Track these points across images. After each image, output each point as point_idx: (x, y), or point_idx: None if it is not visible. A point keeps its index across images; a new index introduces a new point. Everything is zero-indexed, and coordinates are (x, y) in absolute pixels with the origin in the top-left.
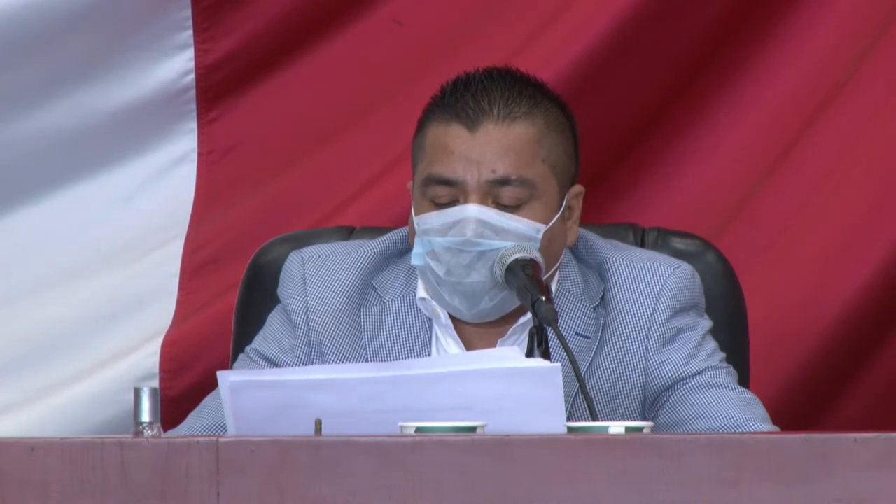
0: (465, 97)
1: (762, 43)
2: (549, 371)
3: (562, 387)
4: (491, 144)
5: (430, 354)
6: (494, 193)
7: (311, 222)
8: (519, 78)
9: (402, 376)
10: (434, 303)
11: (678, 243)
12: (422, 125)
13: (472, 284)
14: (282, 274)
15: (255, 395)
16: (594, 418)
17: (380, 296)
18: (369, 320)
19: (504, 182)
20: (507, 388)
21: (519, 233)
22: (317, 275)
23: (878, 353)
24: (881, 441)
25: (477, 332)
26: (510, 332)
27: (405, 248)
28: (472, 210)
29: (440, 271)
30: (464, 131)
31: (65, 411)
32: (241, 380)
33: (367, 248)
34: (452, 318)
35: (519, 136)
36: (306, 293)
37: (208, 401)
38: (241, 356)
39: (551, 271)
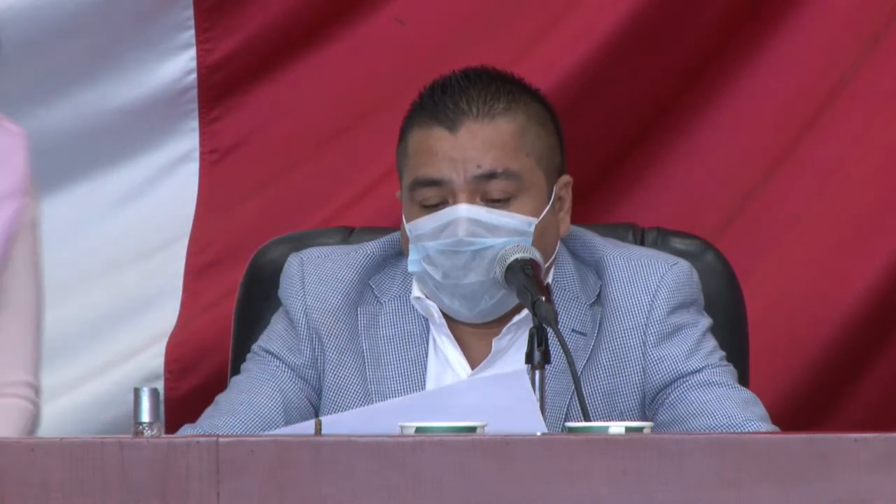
0: (443, 100)
1: (762, 43)
2: (515, 376)
3: (531, 390)
4: (473, 141)
5: (427, 354)
6: (482, 190)
7: (315, 223)
8: (496, 76)
9: (385, 406)
10: (428, 302)
11: (678, 243)
12: (403, 133)
13: (471, 285)
14: (281, 276)
15: None
16: (587, 419)
17: (376, 296)
18: (366, 319)
19: (490, 176)
20: (480, 399)
21: (511, 228)
22: (315, 274)
23: (879, 353)
24: (881, 441)
25: (472, 330)
26: (504, 330)
27: (402, 250)
28: (462, 210)
29: (437, 275)
30: (445, 133)
31: (70, 412)
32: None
33: (365, 249)
34: (447, 317)
35: (500, 131)
36: (304, 292)
37: (221, 397)
38: (248, 355)
39: (547, 264)
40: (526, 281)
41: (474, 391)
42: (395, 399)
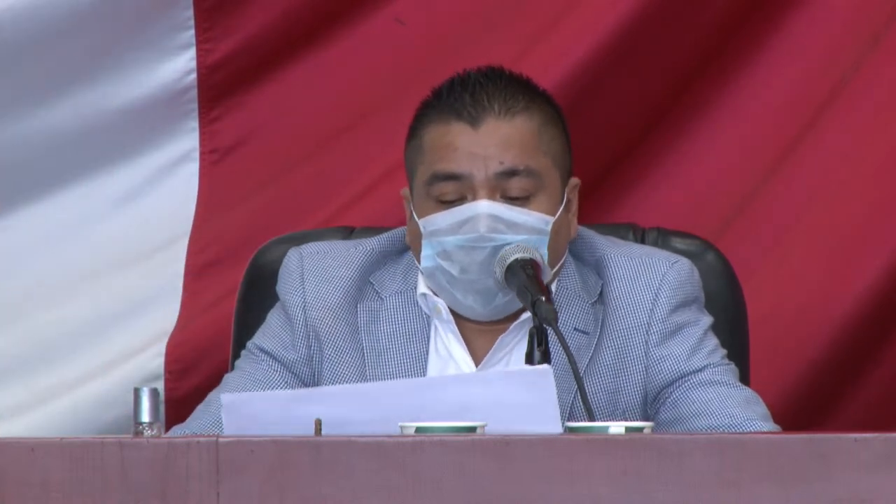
0: (462, 96)
1: (763, 44)
2: (541, 373)
3: (554, 388)
4: (495, 138)
5: (428, 350)
6: (503, 187)
7: (315, 223)
8: (511, 76)
9: (399, 383)
10: (436, 299)
11: (678, 243)
12: (416, 129)
13: (488, 281)
14: (280, 270)
15: (250, 411)
16: (591, 419)
17: (377, 292)
18: (366, 316)
19: (512, 173)
20: (500, 394)
21: (529, 226)
22: (314, 270)
23: (879, 354)
24: (881, 441)
25: (477, 328)
26: (511, 328)
27: (403, 247)
28: (483, 206)
29: (454, 271)
30: (466, 128)
31: (71, 412)
32: (234, 398)
33: (365, 245)
34: (453, 314)
35: (521, 129)
36: (304, 289)
37: (213, 395)
38: (243, 352)
39: (558, 265)
40: (526, 281)
41: (494, 384)
42: (410, 380)
